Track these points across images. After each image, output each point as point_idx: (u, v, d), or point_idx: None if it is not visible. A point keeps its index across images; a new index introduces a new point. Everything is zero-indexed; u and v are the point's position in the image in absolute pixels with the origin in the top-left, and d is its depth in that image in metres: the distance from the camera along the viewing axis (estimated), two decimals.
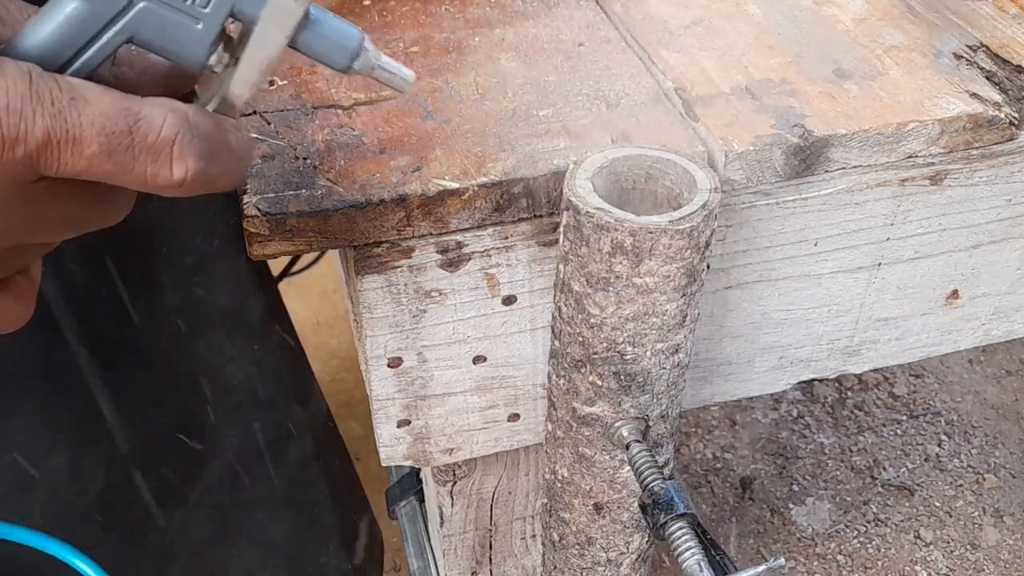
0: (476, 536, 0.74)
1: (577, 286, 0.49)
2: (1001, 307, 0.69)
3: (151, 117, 0.37)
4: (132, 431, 0.71)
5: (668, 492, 0.50)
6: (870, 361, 0.69)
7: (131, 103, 0.37)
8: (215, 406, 0.78)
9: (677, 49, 0.62)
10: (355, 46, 0.43)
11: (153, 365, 0.74)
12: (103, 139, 0.36)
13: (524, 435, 0.63)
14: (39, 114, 0.34)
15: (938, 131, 0.56)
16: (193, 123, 0.38)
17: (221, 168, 0.39)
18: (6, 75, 0.34)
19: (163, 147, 0.37)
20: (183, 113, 0.37)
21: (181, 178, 0.37)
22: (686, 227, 0.46)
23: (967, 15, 0.66)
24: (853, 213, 0.59)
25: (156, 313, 0.74)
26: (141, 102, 0.37)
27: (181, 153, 0.37)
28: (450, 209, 0.51)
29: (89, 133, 0.35)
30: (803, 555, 1.40)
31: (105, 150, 0.36)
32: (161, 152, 0.37)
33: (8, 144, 0.34)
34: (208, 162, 0.38)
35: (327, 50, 0.43)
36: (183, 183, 0.38)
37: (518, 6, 0.67)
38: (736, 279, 0.60)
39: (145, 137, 0.36)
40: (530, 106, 0.57)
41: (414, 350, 0.56)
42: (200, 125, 0.38)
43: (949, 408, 1.62)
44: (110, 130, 0.36)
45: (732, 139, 0.54)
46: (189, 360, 0.77)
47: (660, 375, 0.52)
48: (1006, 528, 1.43)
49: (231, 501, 0.80)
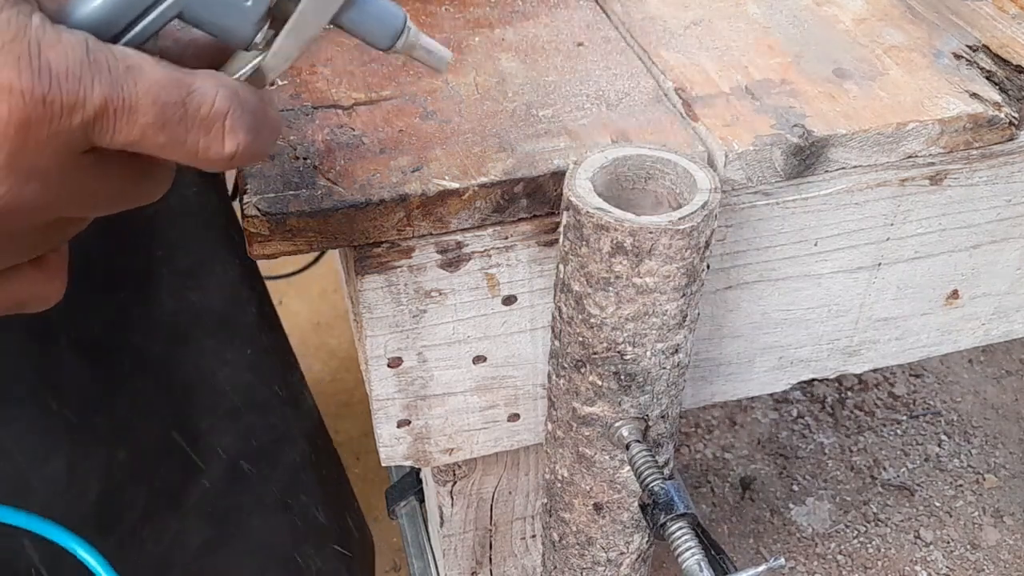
0: (476, 536, 0.74)
1: (577, 286, 0.49)
2: (1001, 307, 0.69)
3: (204, 90, 0.37)
4: (128, 437, 0.71)
5: (668, 492, 0.50)
6: (870, 361, 0.69)
7: (184, 75, 0.36)
8: (209, 411, 0.78)
9: (677, 49, 0.62)
10: (399, 25, 0.43)
11: (148, 371, 0.74)
12: (158, 109, 0.35)
13: (524, 435, 0.63)
14: (97, 81, 0.34)
15: (938, 131, 0.56)
16: (242, 98, 0.38)
17: (265, 142, 0.39)
18: (63, 42, 0.34)
19: (216, 120, 0.37)
20: (233, 87, 0.37)
21: (232, 151, 0.38)
22: (686, 227, 0.46)
23: (967, 15, 0.66)
24: (853, 213, 0.59)
25: (152, 318, 0.74)
26: (193, 74, 0.37)
27: (233, 127, 0.37)
28: (450, 209, 0.51)
29: (145, 102, 0.35)
30: (803, 555, 1.40)
31: (160, 120, 0.36)
32: (214, 125, 0.37)
33: (67, 110, 0.34)
34: (256, 136, 0.38)
35: (372, 29, 0.42)
36: (233, 156, 0.38)
37: (518, 6, 0.67)
38: (736, 279, 0.60)
39: (198, 109, 0.36)
40: (530, 106, 0.57)
41: (414, 350, 0.56)
42: (248, 100, 0.38)
43: (949, 408, 1.62)
44: (164, 100, 0.35)
45: (732, 139, 0.54)
46: (184, 365, 0.77)
47: (660, 375, 0.52)
48: (1006, 528, 1.43)
49: (226, 506, 0.79)
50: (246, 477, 0.81)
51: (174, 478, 0.76)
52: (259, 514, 0.83)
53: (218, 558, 0.79)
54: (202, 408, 0.78)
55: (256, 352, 0.84)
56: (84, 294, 0.68)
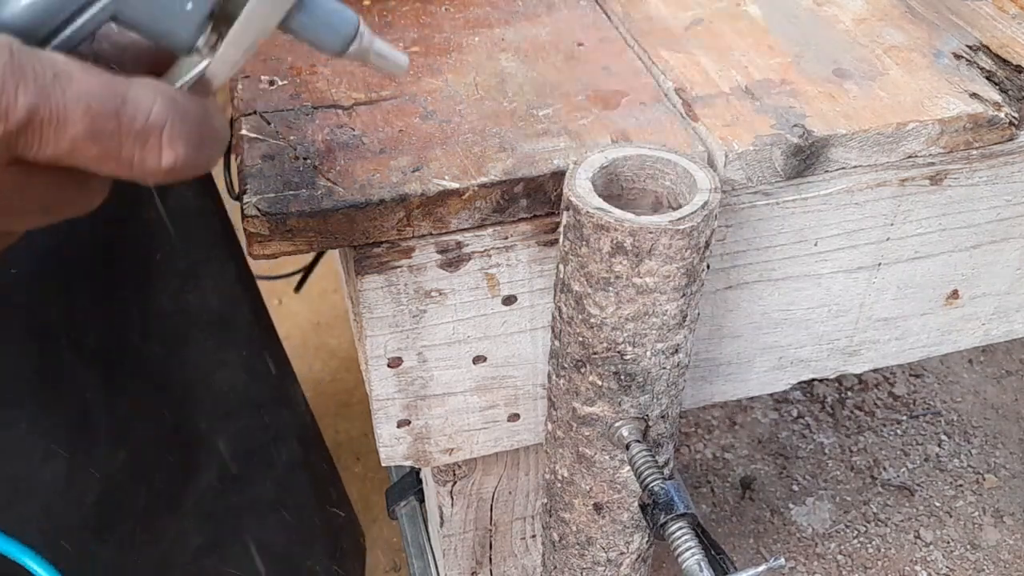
0: (476, 536, 0.74)
1: (577, 286, 0.49)
2: (1001, 307, 0.69)
3: (139, 99, 0.34)
4: (127, 439, 0.71)
5: (668, 492, 0.50)
6: (870, 361, 0.69)
7: (118, 83, 0.34)
8: (207, 412, 0.78)
9: (677, 49, 0.62)
10: (351, 31, 0.41)
11: (148, 372, 0.74)
12: (89, 120, 0.33)
13: (524, 435, 0.63)
14: (22, 90, 0.31)
15: (938, 131, 0.56)
16: (182, 108, 0.35)
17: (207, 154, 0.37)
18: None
19: (152, 132, 0.34)
20: (171, 96, 0.35)
21: (171, 165, 0.35)
22: (686, 227, 0.46)
23: (967, 15, 0.66)
24: (853, 213, 0.59)
25: (150, 321, 0.74)
26: (127, 82, 0.34)
27: (171, 139, 0.35)
28: (450, 209, 0.51)
29: (74, 113, 0.32)
30: (803, 555, 1.40)
31: (90, 132, 0.33)
32: (150, 137, 0.34)
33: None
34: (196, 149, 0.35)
35: (322, 33, 0.40)
36: (172, 170, 0.35)
37: (518, 6, 0.67)
38: (736, 279, 0.60)
39: (133, 120, 0.34)
40: (530, 106, 0.57)
41: (414, 350, 0.56)
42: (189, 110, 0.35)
43: (949, 408, 1.62)
44: (96, 110, 0.33)
45: (732, 139, 0.54)
46: (181, 367, 0.77)
47: (660, 375, 0.52)
48: (1006, 528, 1.43)
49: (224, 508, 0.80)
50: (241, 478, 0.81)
51: (172, 479, 0.76)
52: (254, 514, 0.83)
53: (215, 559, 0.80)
54: (200, 409, 0.78)
55: (251, 353, 0.84)
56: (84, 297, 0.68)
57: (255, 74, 0.59)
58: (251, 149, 0.53)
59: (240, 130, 0.54)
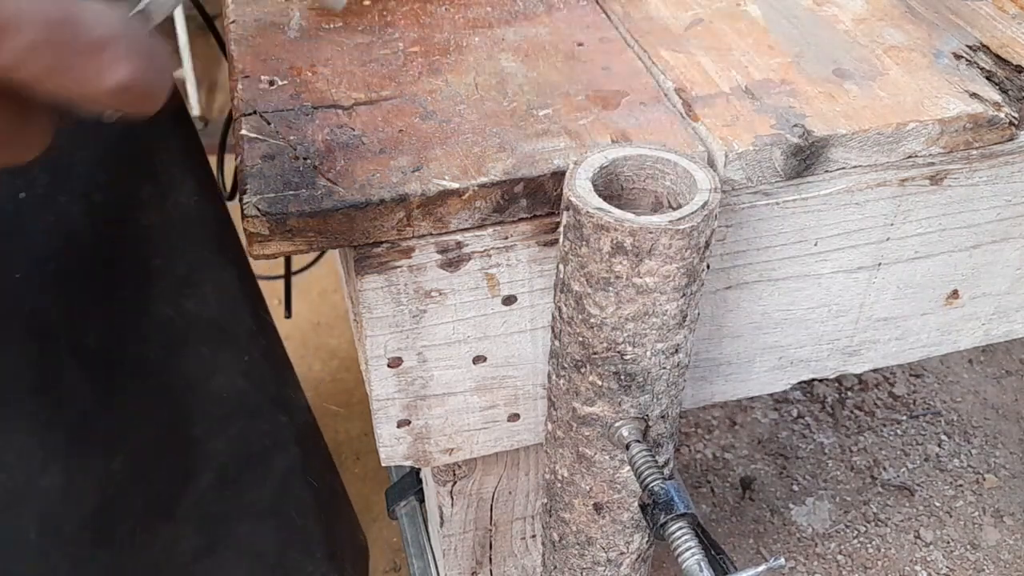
0: (476, 536, 0.74)
1: (577, 286, 0.49)
2: (1001, 307, 0.69)
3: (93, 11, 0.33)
4: (125, 444, 0.71)
5: (668, 492, 0.50)
6: (870, 361, 0.69)
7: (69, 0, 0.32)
8: (204, 418, 0.78)
9: (677, 49, 0.62)
10: None
11: (146, 377, 0.74)
12: (42, 26, 0.31)
13: (524, 435, 0.63)
14: None
15: (938, 131, 0.56)
16: (132, 27, 0.34)
17: (153, 80, 0.35)
18: None
19: (105, 44, 0.33)
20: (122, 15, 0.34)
21: (121, 81, 0.34)
22: (686, 227, 0.46)
23: (967, 15, 0.66)
24: (853, 213, 0.59)
25: (149, 325, 0.74)
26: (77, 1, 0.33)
27: (119, 55, 0.33)
28: (450, 209, 0.51)
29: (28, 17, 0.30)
30: (803, 555, 1.40)
31: (44, 40, 0.31)
32: (103, 51, 0.33)
33: None
34: (144, 70, 0.34)
35: None
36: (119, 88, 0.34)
37: (518, 6, 0.67)
38: (736, 279, 0.60)
39: (90, 29, 0.32)
40: (530, 106, 0.57)
41: (414, 350, 0.56)
42: (138, 31, 0.35)
43: (949, 408, 1.62)
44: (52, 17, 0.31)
45: (732, 139, 0.54)
46: (179, 372, 0.76)
47: (660, 375, 0.52)
48: (1006, 528, 1.43)
49: (220, 513, 0.79)
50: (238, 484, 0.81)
51: (169, 484, 0.76)
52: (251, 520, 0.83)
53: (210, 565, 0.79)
54: (197, 414, 0.78)
55: (251, 358, 0.84)
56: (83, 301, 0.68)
57: (255, 74, 0.59)
58: (251, 149, 0.53)
59: (240, 130, 0.54)
